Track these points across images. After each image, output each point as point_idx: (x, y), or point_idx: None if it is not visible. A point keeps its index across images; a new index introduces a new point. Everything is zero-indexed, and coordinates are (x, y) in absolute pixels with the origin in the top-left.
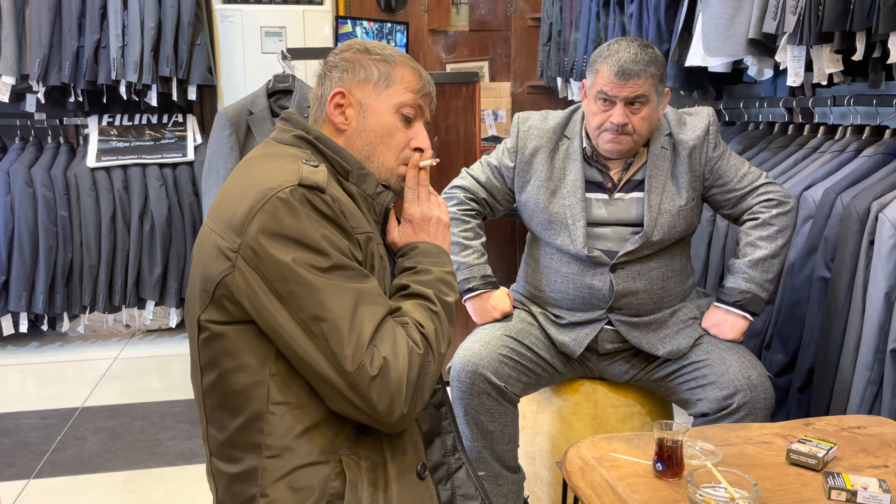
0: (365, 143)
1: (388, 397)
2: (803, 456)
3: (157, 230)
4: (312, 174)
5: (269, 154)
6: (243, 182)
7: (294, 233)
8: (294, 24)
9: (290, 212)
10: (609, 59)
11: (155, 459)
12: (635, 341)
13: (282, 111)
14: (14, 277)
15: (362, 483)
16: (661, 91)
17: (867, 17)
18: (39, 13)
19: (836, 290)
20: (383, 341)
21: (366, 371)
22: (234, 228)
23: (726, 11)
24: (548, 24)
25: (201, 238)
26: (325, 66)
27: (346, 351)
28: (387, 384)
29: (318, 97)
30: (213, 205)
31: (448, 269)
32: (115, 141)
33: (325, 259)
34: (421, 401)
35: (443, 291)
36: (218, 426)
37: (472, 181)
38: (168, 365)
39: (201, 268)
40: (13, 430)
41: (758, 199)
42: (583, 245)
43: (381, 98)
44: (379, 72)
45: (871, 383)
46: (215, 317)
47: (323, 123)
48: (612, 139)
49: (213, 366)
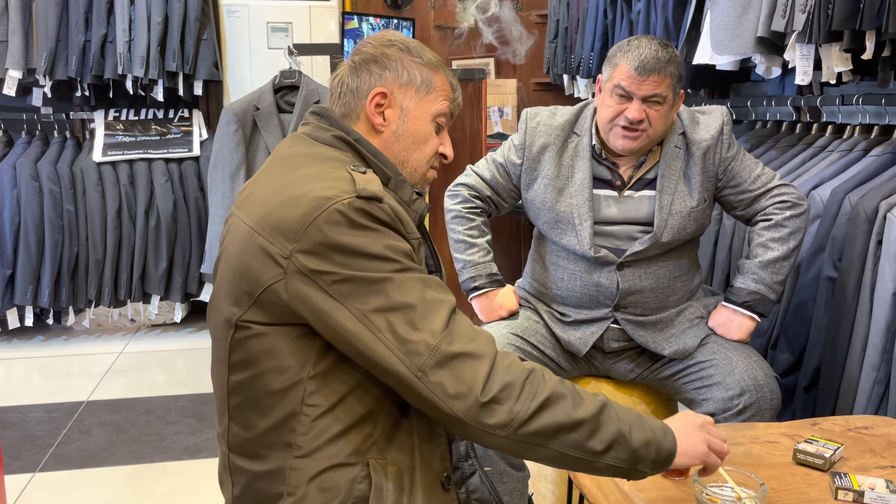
0: (402, 148)
1: (465, 384)
2: (810, 456)
3: (162, 225)
4: (368, 183)
5: (312, 155)
6: (289, 184)
7: (354, 243)
8: (300, 19)
9: (350, 223)
10: (629, 54)
11: (160, 453)
12: (641, 340)
13: (288, 106)
14: (20, 271)
15: (388, 488)
16: (678, 91)
17: (877, 15)
18: (46, 8)
19: (844, 290)
20: (462, 329)
21: (439, 351)
22: (284, 234)
23: (735, 9)
24: (554, 21)
25: (236, 233)
26: (360, 56)
27: (416, 338)
28: (464, 370)
29: (353, 90)
30: (245, 198)
31: (646, 451)
32: (121, 135)
33: (388, 263)
34: (508, 400)
35: (610, 440)
36: (243, 424)
37: (476, 179)
38: (173, 359)
39: (242, 267)
40: (19, 423)
41: (772, 201)
42: (589, 246)
43: (422, 104)
44: (421, 77)
45: (877, 383)
46: (258, 318)
47: (357, 120)
48: (624, 135)
49: (248, 365)
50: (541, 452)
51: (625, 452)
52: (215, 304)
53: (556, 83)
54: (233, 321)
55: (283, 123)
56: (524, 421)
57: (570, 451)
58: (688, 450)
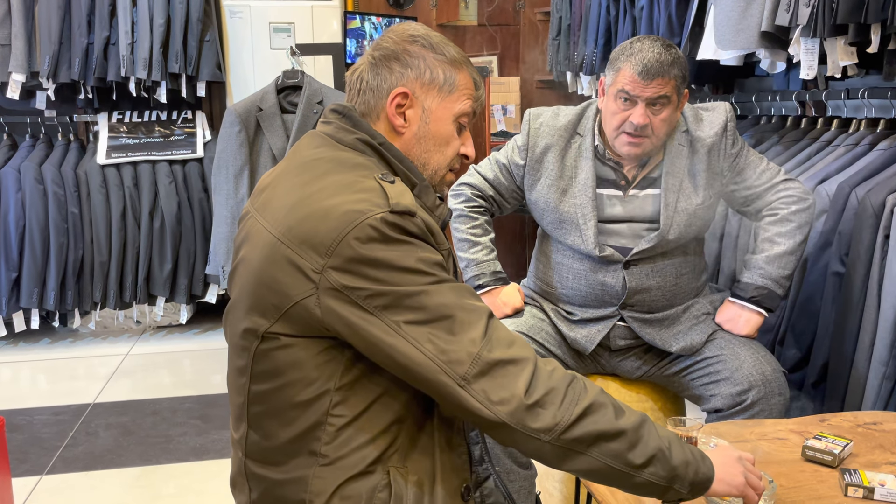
0: (423, 150)
1: (509, 391)
2: (819, 452)
3: (167, 226)
4: (401, 196)
5: (337, 161)
6: (317, 193)
7: (388, 258)
8: (303, 19)
9: (383, 238)
10: (632, 58)
11: (166, 455)
12: (648, 338)
13: (291, 107)
14: (25, 274)
15: (407, 497)
16: (682, 92)
17: (882, 8)
18: (49, 10)
19: (851, 285)
20: (500, 336)
21: (481, 359)
22: (315, 248)
23: (738, 4)
24: (557, 18)
25: (257, 241)
26: (380, 52)
27: (455, 346)
28: (505, 376)
29: (372, 87)
30: (265, 202)
31: (685, 471)
32: (125, 138)
33: (422, 276)
34: (552, 405)
35: (650, 454)
36: (263, 433)
37: (479, 178)
38: (179, 361)
39: (268, 279)
40: (25, 426)
41: (777, 196)
42: (594, 245)
43: (444, 104)
44: (444, 76)
45: (886, 379)
46: (285, 330)
47: (377, 120)
48: (630, 142)
49: (272, 376)
50: (581, 462)
51: (664, 469)
52: (236, 313)
53: (559, 80)
54: (259, 332)
55: (287, 124)
56: (568, 426)
57: (611, 462)
58: (725, 477)
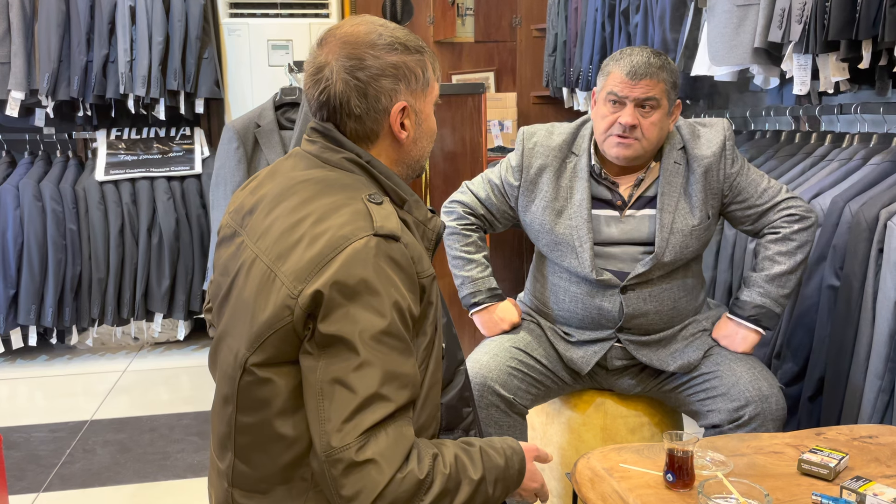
0: (420, 148)
1: (356, 492)
2: (815, 466)
3: (165, 243)
4: (386, 220)
5: (324, 183)
6: (306, 218)
7: (362, 287)
8: (300, 37)
9: (363, 264)
10: (621, 62)
11: (164, 472)
12: (645, 359)
13: (289, 123)
14: (23, 291)
15: None
16: (673, 99)
17: (873, 25)
18: (48, 28)
19: (846, 299)
20: (385, 436)
21: (348, 454)
22: (297, 275)
23: (731, 21)
24: (553, 35)
25: (252, 272)
26: (364, 73)
27: (341, 425)
28: (361, 479)
29: (365, 111)
30: (256, 227)
31: (505, 476)
32: (124, 154)
33: (381, 320)
34: None
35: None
36: (251, 464)
37: (471, 197)
38: (176, 377)
39: (259, 311)
40: (23, 443)
41: (780, 215)
42: (591, 269)
43: (427, 100)
44: (421, 73)
45: (882, 392)
46: (271, 359)
47: (375, 140)
48: (619, 143)
49: (257, 409)
50: None
51: (503, 481)
52: (226, 340)
53: (555, 96)
54: (243, 363)
55: (284, 140)
56: None
57: None
58: None
